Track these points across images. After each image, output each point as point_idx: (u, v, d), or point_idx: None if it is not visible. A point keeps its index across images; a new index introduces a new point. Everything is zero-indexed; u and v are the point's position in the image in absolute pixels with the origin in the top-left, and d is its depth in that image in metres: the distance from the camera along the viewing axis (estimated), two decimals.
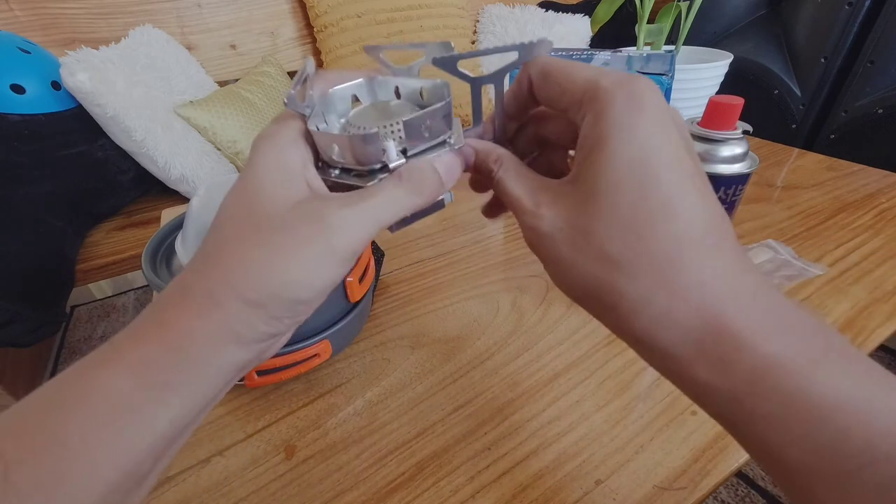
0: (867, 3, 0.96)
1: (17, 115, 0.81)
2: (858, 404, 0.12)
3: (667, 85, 0.49)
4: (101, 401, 0.14)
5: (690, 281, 0.15)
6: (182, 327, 0.16)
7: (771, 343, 0.13)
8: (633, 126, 0.15)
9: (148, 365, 0.15)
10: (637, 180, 0.15)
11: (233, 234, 0.17)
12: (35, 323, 0.82)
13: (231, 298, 0.16)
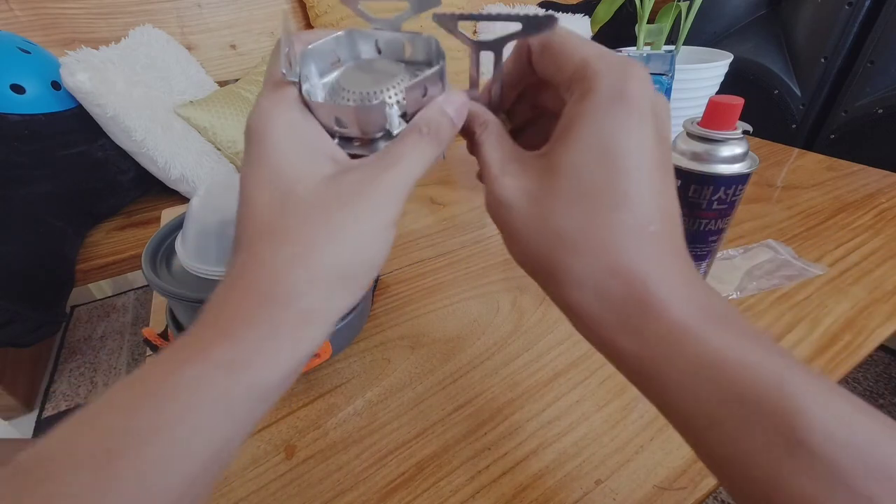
0: (867, 3, 0.96)
1: (17, 115, 0.81)
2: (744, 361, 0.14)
3: (667, 85, 0.49)
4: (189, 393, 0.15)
5: (628, 265, 0.16)
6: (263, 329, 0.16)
7: (682, 311, 0.15)
8: (609, 114, 0.16)
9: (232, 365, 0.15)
10: (600, 167, 0.16)
11: (275, 222, 0.17)
12: (35, 323, 0.82)
13: (313, 287, 0.16)
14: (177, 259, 0.38)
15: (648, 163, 0.16)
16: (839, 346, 0.39)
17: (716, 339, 0.15)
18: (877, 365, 1.06)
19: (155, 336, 0.41)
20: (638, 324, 0.16)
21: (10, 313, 0.77)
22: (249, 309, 0.16)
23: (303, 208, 0.17)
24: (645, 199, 0.16)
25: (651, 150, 0.16)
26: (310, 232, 0.16)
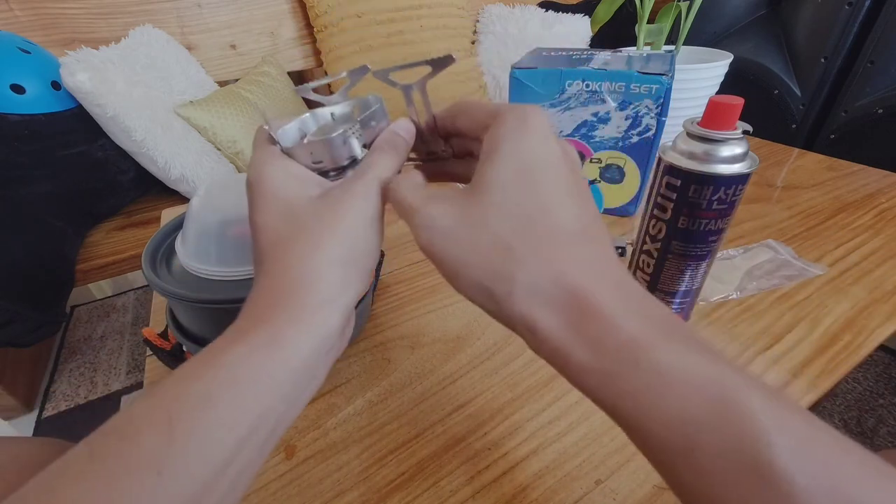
0: (867, 3, 0.96)
1: (17, 115, 0.81)
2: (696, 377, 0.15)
3: (667, 85, 0.49)
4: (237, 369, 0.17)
5: (566, 267, 0.17)
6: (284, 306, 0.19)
7: (632, 324, 0.16)
8: (520, 140, 0.19)
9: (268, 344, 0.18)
10: (522, 183, 0.18)
11: (284, 234, 0.21)
12: (35, 323, 0.82)
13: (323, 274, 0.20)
14: (177, 259, 0.38)
15: (562, 178, 0.19)
16: (839, 346, 0.39)
17: (664, 353, 0.15)
18: (877, 365, 1.06)
19: (155, 336, 0.41)
20: (592, 335, 0.16)
21: (10, 313, 0.77)
22: (277, 299, 0.19)
23: (303, 218, 0.21)
24: (566, 207, 0.18)
25: (561, 168, 0.19)
26: (312, 233, 0.20)
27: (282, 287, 0.19)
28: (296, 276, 0.19)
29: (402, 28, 1.20)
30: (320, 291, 0.19)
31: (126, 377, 1.13)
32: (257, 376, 0.18)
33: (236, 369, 0.17)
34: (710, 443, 0.14)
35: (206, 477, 0.16)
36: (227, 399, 0.17)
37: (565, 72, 0.53)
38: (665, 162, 0.35)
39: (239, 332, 0.19)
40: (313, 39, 1.29)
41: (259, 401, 0.17)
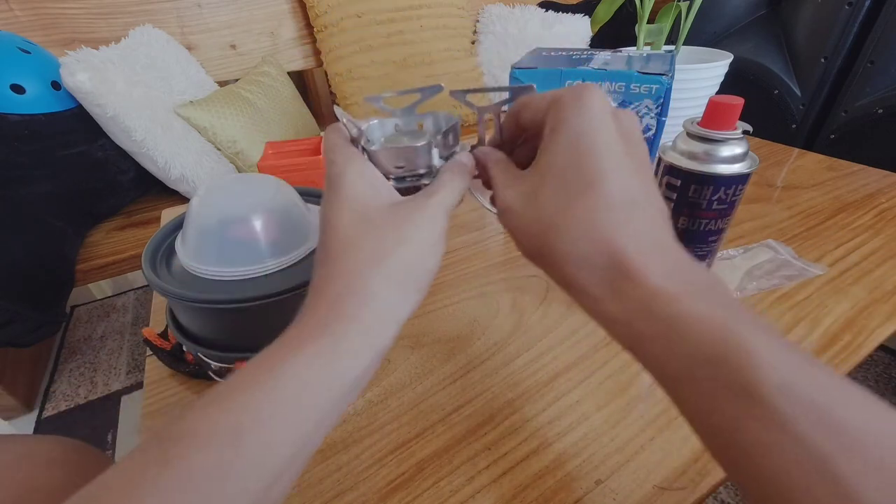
0: (867, 3, 0.96)
1: (17, 115, 0.81)
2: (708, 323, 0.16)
3: (667, 85, 0.49)
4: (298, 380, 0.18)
5: (605, 236, 0.19)
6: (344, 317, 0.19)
7: (660, 279, 0.18)
8: (574, 120, 0.20)
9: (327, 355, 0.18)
10: (572, 160, 0.20)
11: (354, 237, 0.21)
12: (35, 323, 0.82)
13: (386, 284, 0.20)
14: (177, 259, 0.38)
15: (616, 153, 0.20)
16: (839, 346, 0.39)
17: (686, 304, 0.17)
18: (877, 365, 1.06)
19: (155, 336, 0.41)
20: (621, 289, 0.18)
21: (10, 313, 0.77)
22: (338, 308, 0.19)
23: (375, 225, 0.21)
24: (612, 178, 0.19)
25: (615, 143, 0.20)
26: (382, 242, 0.21)
27: (346, 296, 0.20)
28: (361, 286, 0.20)
29: (402, 28, 1.20)
30: (382, 306, 0.20)
31: (126, 377, 1.13)
32: (318, 387, 0.18)
33: (300, 380, 0.18)
34: (712, 375, 0.16)
35: (265, 484, 0.16)
36: (291, 411, 0.17)
37: (565, 72, 0.53)
38: (665, 162, 0.35)
39: (300, 339, 0.19)
40: (313, 39, 1.29)
41: (317, 412, 0.18)
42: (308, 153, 0.68)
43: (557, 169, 0.20)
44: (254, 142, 1.04)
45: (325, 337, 0.19)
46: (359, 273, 0.20)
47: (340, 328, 0.19)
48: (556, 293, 0.46)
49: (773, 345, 0.15)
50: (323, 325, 0.19)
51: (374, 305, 0.20)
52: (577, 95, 0.20)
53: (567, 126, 0.20)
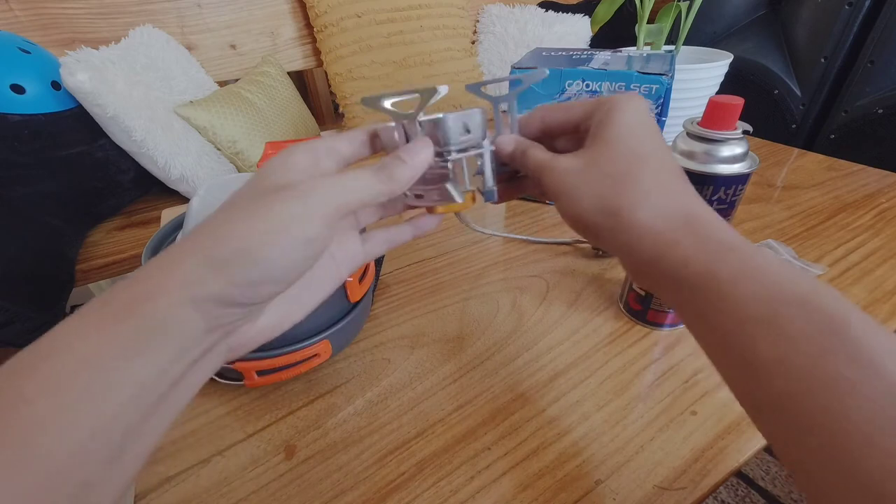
0: (867, 3, 0.96)
1: (17, 115, 0.81)
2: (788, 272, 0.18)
3: (667, 85, 0.49)
4: (67, 362, 0.15)
5: (674, 188, 0.22)
6: (144, 287, 0.17)
7: (730, 234, 0.20)
8: (628, 109, 0.23)
9: (111, 327, 0.16)
10: (635, 135, 0.23)
11: (218, 210, 0.19)
12: (35, 323, 0.82)
13: (192, 255, 0.17)
14: None
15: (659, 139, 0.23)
16: None
17: (759, 256, 0.19)
18: None
19: None
20: (698, 232, 0.20)
21: (10, 313, 0.77)
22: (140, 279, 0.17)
23: (243, 196, 0.20)
24: (668, 153, 0.23)
25: (658, 134, 0.23)
26: (234, 212, 0.19)
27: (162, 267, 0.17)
28: (176, 259, 0.17)
29: (402, 28, 1.20)
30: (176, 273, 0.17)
31: None
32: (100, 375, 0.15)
33: (75, 361, 0.15)
34: (795, 315, 0.16)
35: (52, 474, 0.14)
36: (58, 398, 0.14)
37: (565, 72, 0.53)
38: None
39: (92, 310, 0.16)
40: (313, 39, 1.29)
41: (102, 403, 0.15)
42: None
43: (622, 140, 0.22)
44: (254, 142, 1.04)
45: (111, 310, 0.16)
46: (180, 245, 0.18)
47: (122, 298, 0.16)
48: (557, 293, 0.46)
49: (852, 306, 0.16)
50: (114, 298, 0.17)
51: (170, 281, 0.17)
52: (628, 96, 0.23)
53: (624, 114, 0.23)
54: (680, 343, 0.40)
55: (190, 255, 0.17)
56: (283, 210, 0.18)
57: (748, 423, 0.33)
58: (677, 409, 0.34)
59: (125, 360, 0.16)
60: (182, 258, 0.17)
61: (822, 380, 0.15)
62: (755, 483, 0.87)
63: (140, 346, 0.16)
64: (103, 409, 0.15)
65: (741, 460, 0.31)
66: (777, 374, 0.16)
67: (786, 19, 1.16)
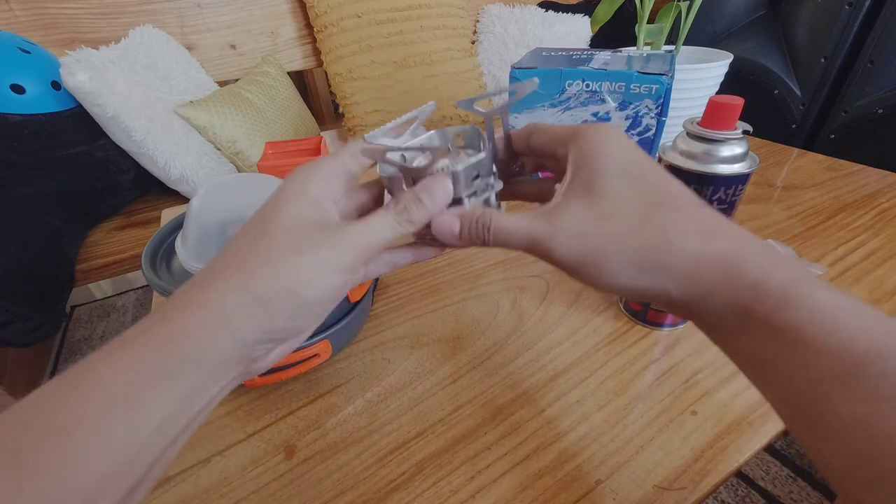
0: (867, 3, 0.96)
1: (17, 115, 0.81)
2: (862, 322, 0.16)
3: (667, 85, 0.49)
4: (100, 390, 0.15)
5: (711, 225, 0.19)
6: (182, 320, 0.17)
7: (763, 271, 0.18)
8: (611, 145, 0.21)
9: (144, 356, 0.16)
10: (632, 174, 0.20)
11: (246, 241, 0.19)
12: (35, 323, 0.82)
13: (235, 290, 0.18)
14: (177, 259, 0.38)
15: (656, 165, 0.21)
16: None
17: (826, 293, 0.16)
18: None
19: None
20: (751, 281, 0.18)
21: (10, 313, 0.77)
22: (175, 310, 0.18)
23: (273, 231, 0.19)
24: (674, 182, 0.20)
25: (648, 159, 0.21)
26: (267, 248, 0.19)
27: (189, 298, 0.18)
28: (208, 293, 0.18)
29: (402, 28, 1.20)
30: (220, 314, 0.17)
31: None
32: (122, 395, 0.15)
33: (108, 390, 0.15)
34: (882, 371, 0.14)
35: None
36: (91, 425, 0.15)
37: (565, 72, 0.53)
38: (665, 162, 0.35)
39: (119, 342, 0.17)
40: (313, 39, 1.29)
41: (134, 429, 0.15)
42: (308, 153, 0.68)
43: (620, 184, 0.20)
44: (254, 142, 1.04)
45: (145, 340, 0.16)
46: (218, 277, 0.18)
47: (160, 332, 0.17)
48: (557, 293, 0.46)
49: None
50: (149, 329, 0.17)
51: (211, 313, 0.17)
52: (606, 128, 0.21)
53: (608, 151, 0.20)
54: (680, 343, 0.40)
55: (232, 292, 0.18)
56: (321, 259, 0.19)
57: (748, 423, 0.33)
58: (677, 409, 0.34)
59: (158, 392, 0.16)
60: (223, 295, 0.18)
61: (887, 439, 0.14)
62: (755, 483, 0.87)
63: (173, 379, 0.16)
64: (135, 439, 0.15)
65: (741, 460, 0.31)
66: (855, 436, 0.15)
67: (786, 19, 1.16)
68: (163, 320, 0.17)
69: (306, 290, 0.19)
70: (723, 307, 0.18)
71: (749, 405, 0.34)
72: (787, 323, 0.16)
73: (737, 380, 0.36)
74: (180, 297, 0.18)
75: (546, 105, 0.55)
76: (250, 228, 0.20)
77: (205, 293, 0.18)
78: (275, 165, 0.64)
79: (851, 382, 0.15)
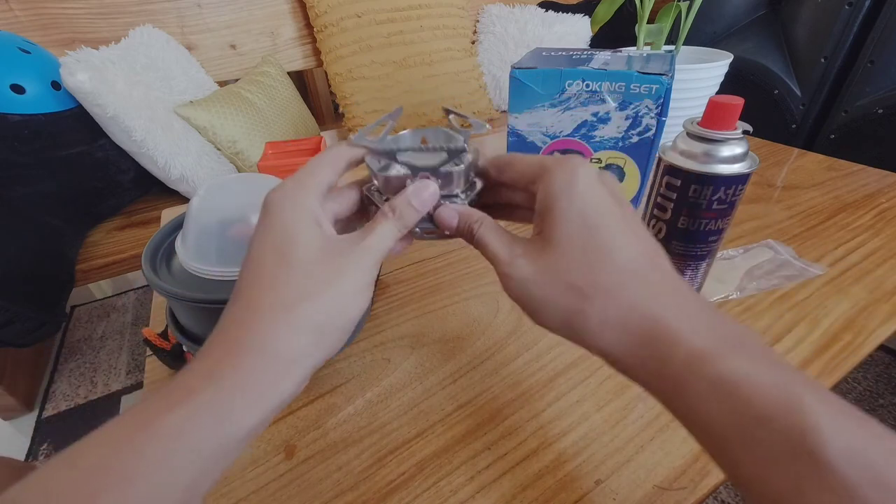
0: (867, 3, 0.96)
1: (17, 115, 0.81)
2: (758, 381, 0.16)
3: (667, 85, 0.49)
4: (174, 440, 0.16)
5: (634, 299, 0.19)
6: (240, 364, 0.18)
7: (699, 339, 0.18)
8: (571, 192, 0.21)
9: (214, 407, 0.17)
10: (581, 230, 0.20)
11: (272, 273, 0.20)
12: (35, 323, 0.82)
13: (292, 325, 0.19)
14: (177, 259, 0.38)
15: (617, 218, 0.21)
16: (839, 346, 0.39)
17: (730, 363, 0.17)
18: (877, 365, 1.06)
19: (155, 336, 0.41)
20: (662, 353, 0.18)
21: (10, 313, 0.77)
22: (234, 356, 0.18)
23: (296, 265, 0.20)
24: (626, 245, 0.20)
25: (614, 209, 0.21)
26: (300, 287, 0.19)
27: (245, 343, 0.18)
28: (264, 335, 0.18)
29: (402, 28, 1.20)
30: (286, 356, 0.18)
31: (126, 377, 1.13)
32: (194, 448, 0.16)
33: (173, 440, 0.16)
34: (770, 437, 0.15)
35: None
36: (157, 473, 0.15)
37: (565, 72, 0.53)
38: (665, 162, 0.35)
39: (185, 390, 0.17)
40: (313, 39, 1.29)
41: (190, 472, 0.16)
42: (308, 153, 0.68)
43: (570, 241, 0.20)
44: (254, 142, 1.04)
45: (211, 388, 0.17)
46: (266, 318, 0.19)
47: (231, 380, 0.17)
48: None
49: (829, 406, 0.15)
50: (211, 373, 0.17)
51: (276, 356, 0.18)
52: (571, 170, 0.21)
53: (569, 202, 0.21)
54: None
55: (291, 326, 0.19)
56: (352, 282, 0.21)
57: None
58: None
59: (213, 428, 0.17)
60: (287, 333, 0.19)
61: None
62: None
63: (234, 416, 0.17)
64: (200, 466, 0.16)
65: None
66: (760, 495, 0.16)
67: (786, 19, 1.16)
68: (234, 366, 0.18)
69: (347, 314, 0.20)
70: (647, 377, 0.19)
71: None
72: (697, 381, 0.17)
73: None
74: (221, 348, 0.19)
75: (546, 105, 0.55)
76: (266, 259, 0.20)
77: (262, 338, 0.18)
78: (275, 165, 0.64)
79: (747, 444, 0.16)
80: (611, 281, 0.20)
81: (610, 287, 0.19)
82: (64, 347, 1.24)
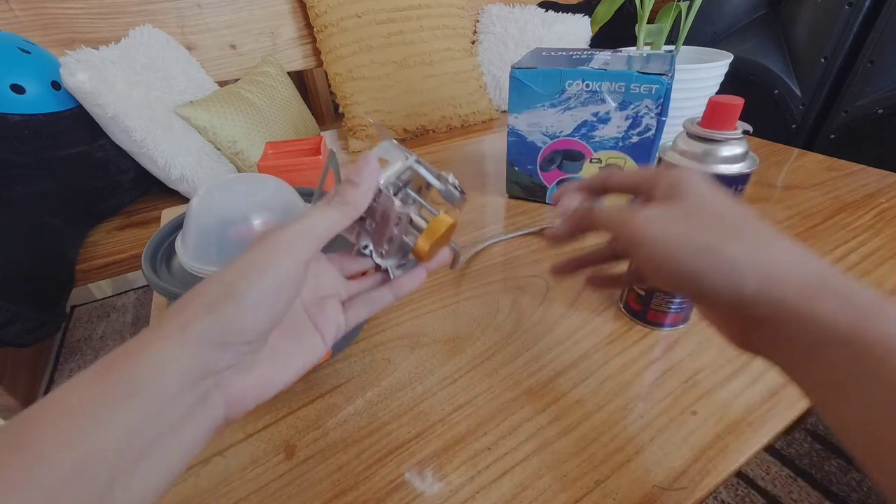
0: (867, 3, 0.96)
1: (17, 115, 0.81)
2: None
3: (667, 85, 0.49)
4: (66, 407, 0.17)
5: (786, 241, 0.20)
6: (145, 337, 0.19)
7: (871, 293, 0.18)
8: (696, 181, 0.23)
9: (107, 375, 0.18)
10: (711, 194, 0.22)
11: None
12: (35, 323, 0.82)
13: (190, 301, 0.19)
14: (177, 259, 0.38)
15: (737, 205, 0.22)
16: None
17: None
18: None
19: None
20: (841, 291, 0.18)
21: (10, 313, 0.77)
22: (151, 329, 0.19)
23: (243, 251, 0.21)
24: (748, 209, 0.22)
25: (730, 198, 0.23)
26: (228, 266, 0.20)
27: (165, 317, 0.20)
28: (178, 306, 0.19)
29: (402, 28, 1.20)
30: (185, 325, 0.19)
31: None
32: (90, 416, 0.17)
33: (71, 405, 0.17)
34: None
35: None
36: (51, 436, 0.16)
37: (565, 72, 0.53)
38: (665, 162, 0.35)
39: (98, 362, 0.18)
40: (313, 39, 1.30)
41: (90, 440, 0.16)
42: (308, 153, 0.68)
43: (702, 196, 0.22)
44: (254, 142, 1.04)
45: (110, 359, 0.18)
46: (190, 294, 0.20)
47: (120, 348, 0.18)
48: (556, 293, 0.46)
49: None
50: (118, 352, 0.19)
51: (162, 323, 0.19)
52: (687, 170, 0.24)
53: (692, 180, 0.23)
54: (680, 343, 0.40)
55: (189, 302, 0.19)
56: (261, 255, 0.21)
57: (748, 423, 0.33)
58: (677, 409, 0.34)
59: (114, 405, 0.17)
60: (183, 306, 0.19)
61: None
62: (755, 483, 0.87)
63: (131, 391, 0.17)
64: (92, 448, 0.16)
65: (741, 460, 0.31)
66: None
67: (786, 19, 1.16)
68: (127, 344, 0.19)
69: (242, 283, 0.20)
70: (797, 317, 0.18)
71: (749, 405, 0.34)
72: (878, 337, 0.16)
73: (737, 380, 0.36)
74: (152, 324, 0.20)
75: (546, 105, 0.55)
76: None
77: (169, 312, 0.20)
78: (275, 165, 0.63)
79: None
80: (750, 231, 0.21)
81: (749, 235, 0.20)
82: (64, 347, 1.24)
